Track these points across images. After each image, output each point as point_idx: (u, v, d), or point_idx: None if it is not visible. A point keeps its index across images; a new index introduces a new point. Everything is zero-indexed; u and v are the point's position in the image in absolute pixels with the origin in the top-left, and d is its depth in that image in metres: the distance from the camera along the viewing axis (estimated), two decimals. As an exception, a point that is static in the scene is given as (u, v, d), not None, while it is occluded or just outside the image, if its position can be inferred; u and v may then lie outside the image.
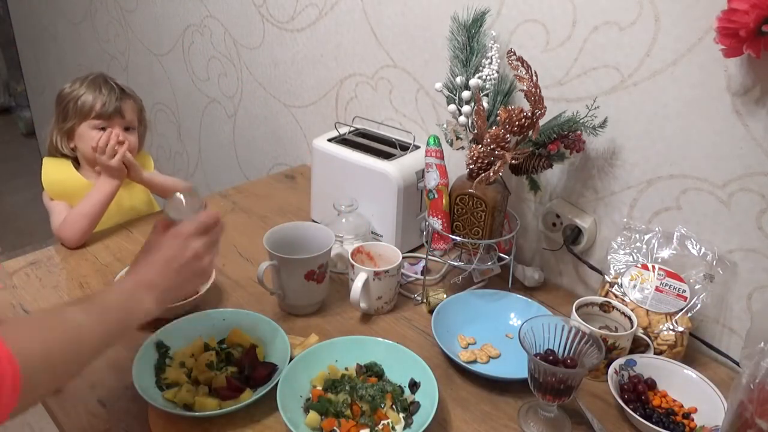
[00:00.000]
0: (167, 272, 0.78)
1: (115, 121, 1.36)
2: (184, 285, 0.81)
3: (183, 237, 0.80)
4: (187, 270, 0.80)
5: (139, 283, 0.77)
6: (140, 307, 0.75)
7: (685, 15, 0.93)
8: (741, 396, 0.69)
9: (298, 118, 1.74)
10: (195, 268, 0.80)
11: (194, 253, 0.80)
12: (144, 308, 0.75)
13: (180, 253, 0.79)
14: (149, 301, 0.76)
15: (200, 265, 0.81)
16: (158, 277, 0.78)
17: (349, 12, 1.46)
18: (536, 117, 0.99)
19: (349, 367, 0.94)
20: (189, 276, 0.80)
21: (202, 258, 0.81)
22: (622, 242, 1.08)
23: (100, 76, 1.40)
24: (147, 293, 0.76)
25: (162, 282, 0.78)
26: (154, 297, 0.76)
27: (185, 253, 0.79)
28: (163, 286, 0.78)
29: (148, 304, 0.76)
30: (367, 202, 1.24)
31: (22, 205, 3.19)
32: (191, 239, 0.80)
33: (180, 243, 0.80)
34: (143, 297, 0.76)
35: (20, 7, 3.30)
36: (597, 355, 0.82)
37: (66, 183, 1.37)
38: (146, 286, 0.77)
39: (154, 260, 0.79)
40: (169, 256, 0.79)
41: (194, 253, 0.80)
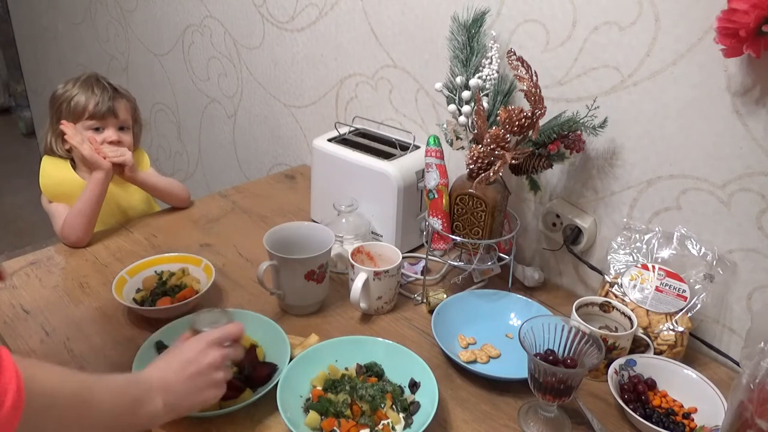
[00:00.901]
0: (182, 375, 0.77)
1: (108, 121, 1.36)
2: (196, 394, 0.78)
3: (205, 342, 0.80)
4: (201, 377, 0.78)
5: (153, 380, 0.75)
6: (149, 404, 0.73)
7: (685, 15, 0.93)
8: (741, 396, 0.69)
9: (298, 118, 1.74)
10: (210, 377, 0.79)
11: (213, 360, 0.79)
12: (153, 407, 0.74)
13: (198, 358, 0.78)
14: (159, 401, 0.74)
15: (215, 375, 0.79)
16: (172, 378, 0.76)
17: (349, 12, 1.46)
18: (536, 117, 0.99)
19: (349, 367, 0.94)
20: (202, 385, 0.78)
21: (218, 369, 0.79)
22: (622, 242, 1.08)
23: (93, 75, 1.40)
24: (159, 393, 0.74)
25: (175, 384, 0.76)
26: (164, 399, 0.75)
27: (204, 358, 0.78)
28: (176, 389, 0.76)
29: (158, 404, 0.74)
30: (367, 202, 1.24)
31: (22, 205, 3.19)
32: (212, 346, 0.80)
33: (201, 348, 0.79)
34: (155, 394, 0.74)
35: (20, 7, 3.30)
36: (597, 355, 0.82)
37: (64, 183, 1.37)
38: (159, 386, 0.75)
39: (172, 360, 0.78)
40: (188, 359, 0.78)
41: (213, 361, 0.79)
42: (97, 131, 1.36)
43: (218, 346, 0.80)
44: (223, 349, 0.81)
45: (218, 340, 0.81)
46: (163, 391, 0.75)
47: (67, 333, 1.03)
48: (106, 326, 1.05)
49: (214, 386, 0.79)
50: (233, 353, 0.83)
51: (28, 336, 1.03)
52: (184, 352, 0.79)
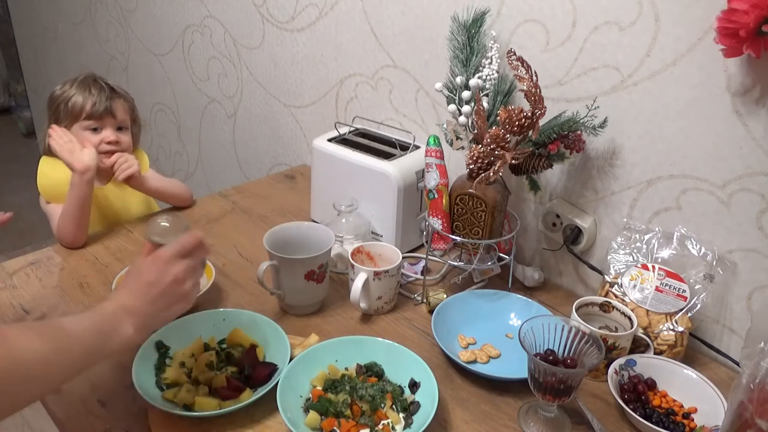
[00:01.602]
0: (147, 297, 0.76)
1: (106, 121, 1.35)
2: (165, 310, 0.78)
3: (162, 261, 0.78)
4: (167, 295, 0.78)
5: (119, 308, 0.75)
6: (119, 333, 0.73)
7: (685, 15, 0.93)
8: (741, 396, 0.69)
9: (298, 118, 1.74)
10: (176, 293, 0.78)
11: (174, 277, 0.78)
12: (123, 334, 0.73)
13: (160, 278, 0.77)
14: (128, 327, 0.74)
15: (181, 289, 0.79)
16: (138, 302, 0.76)
17: (349, 12, 1.46)
18: (536, 117, 0.99)
19: (349, 367, 0.94)
20: (170, 301, 0.78)
21: (183, 282, 0.79)
22: (622, 242, 1.08)
23: (90, 76, 1.39)
24: (127, 319, 0.74)
25: (142, 307, 0.76)
26: (134, 323, 0.74)
27: (165, 277, 0.77)
28: (143, 311, 0.76)
29: (127, 330, 0.74)
30: (367, 202, 1.24)
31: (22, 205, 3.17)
32: (171, 263, 0.78)
33: (160, 267, 0.78)
34: (122, 322, 0.74)
35: (20, 7, 3.30)
36: (597, 355, 0.82)
37: (62, 184, 1.36)
38: (126, 312, 0.75)
39: (134, 285, 0.78)
40: (150, 281, 0.77)
41: (174, 278, 0.78)
42: (95, 131, 1.35)
43: (176, 259, 0.79)
44: (183, 262, 0.79)
45: (176, 254, 0.79)
46: (132, 315, 0.75)
47: (67, 333, 1.03)
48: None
49: (183, 298, 0.79)
50: (196, 261, 0.81)
51: (28, 336, 1.02)
52: (143, 274, 0.78)
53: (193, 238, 0.82)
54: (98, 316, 0.74)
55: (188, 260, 0.81)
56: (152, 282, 0.77)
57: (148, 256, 0.81)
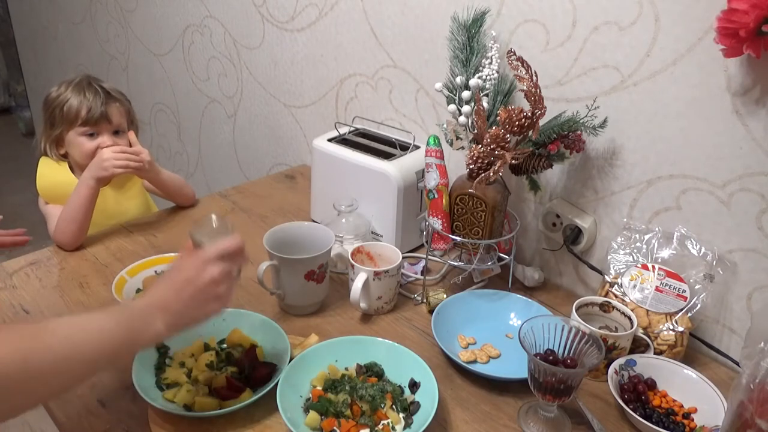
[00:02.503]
0: (182, 295, 0.76)
1: (102, 126, 1.34)
2: (197, 310, 0.78)
3: (203, 260, 0.78)
4: (202, 295, 0.77)
5: (152, 304, 0.75)
6: (150, 329, 0.73)
7: (685, 15, 0.93)
8: (741, 396, 0.69)
9: (298, 118, 1.74)
10: (211, 293, 0.78)
11: (212, 278, 0.77)
12: (154, 330, 0.73)
13: (197, 276, 0.77)
14: (160, 323, 0.74)
15: (216, 291, 0.78)
16: (172, 298, 0.76)
17: (349, 12, 1.46)
18: (536, 117, 0.99)
19: (349, 367, 0.94)
20: (204, 301, 0.77)
21: (219, 284, 0.78)
22: (622, 242, 1.08)
23: (85, 79, 1.38)
24: (159, 315, 0.74)
25: (175, 304, 0.76)
26: (165, 319, 0.74)
27: (203, 276, 0.77)
28: (176, 308, 0.76)
29: (158, 326, 0.74)
30: (367, 202, 1.24)
31: (22, 205, 3.18)
32: (211, 264, 0.78)
33: (199, 266, 0.78)
34: (154, 318, 0.74)
35: (20, 7, 3.30)
36: (597, 355, 0.82)
37: (61, 186, 1.36)
38: (159, 308, 0.75)
39: (171, 281, 0.78)
40: (186, 279, 0.77)
41: (212, 278, 0.77)
42: (91, 137, 1.34)
43: (217, 261, 0.79)
44: (223, 263, 0.79)
45: (217, 254, 0.79)
46: (163, 311, 0.75)
47: (67, 333, 1.03)
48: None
49: (217, 300, 0.78)
50: (235, 265, 0.81)
51: (28, 336, 1.02)
52: (182, 271, 0.78)
53: (235, 243, 0.81)
54: (129, 311, 0.74)
55: (227, 263, 0.80)
56: (190, 279, 0.77)
57: (188, 253, 0.81)
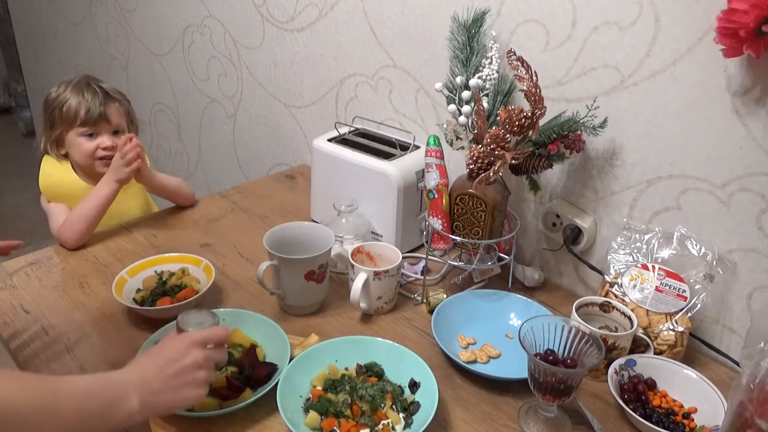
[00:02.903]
0: (162, 373, 0.75)
1: (101, 127, 1.35)
2: (175, 392, 0.76)
3: (188, 342, 0.79)
4: (182, 377, 0.76)
5: (130, 379, 0.74)
6: (123, 405, 0.71)
7: (685, 15, 0.93)
8: (741, 396, 0.69)
9: (298, 118, 1.74)
10: (191, 376, 0.77)
11: (195, 360, 0.77)
12: (127, 406, 0.72)
13: (181, 356, 0.77)
14: (135, 399, 0.72)
15: (196, 375, 0.77)
16: (152, 375, 0.75)
17: (349, 12, 1.46)
18: (536, 117, 0.99)
19: (349, 367, 0.94)
20: (183, 384, 0.76)
21: (200, 369, 0.78)
22: (622, 242, 1.08)
23: (84, 79, 1.38)
24: (135, 391, 0.73)
25: (154, 382, 0.74)
26: (141, 397, 0.73)
27: (187, 357, 0.77)
28: (154, 387, 0.74)
29: (132, 402, 0.72)
30: (367, 202, 1.24)
31: (22, 205, 3.19)
32: (196, 346, 0.79)
33: (183, 348, 0.78)
34: (129, 394, 0.72)
35: (20, 7, 3.30)
36: (597, 355, 0.82)
37: (64, 184, 1.37)
38: (136, 384, 0.73)
39: (153, 358, 0.78)
40: (170, 358, 0.77)
41: (195, 360, 0.77)
42: (90, 137, 1.35)
43: (202, 346, 0.79)
44: (206, 350, 0.79)
45: (203, 340, 0.80)
46: (140, 388, 0.73)
47: (67, 333, 1.03)
48: (106, 326, 1.05)
49: (195, 385, 0.78)
50: (217, 356, 0.81)
51: (28, 336, 1.03)
52: (166, 350, 0.78)
53: (222, 332, 0.83)
54: (104, 382, 0.72)
55: (211, 351, 0.80)
56: (173, 359, 0.77)
57: (174, 336, 0.81)
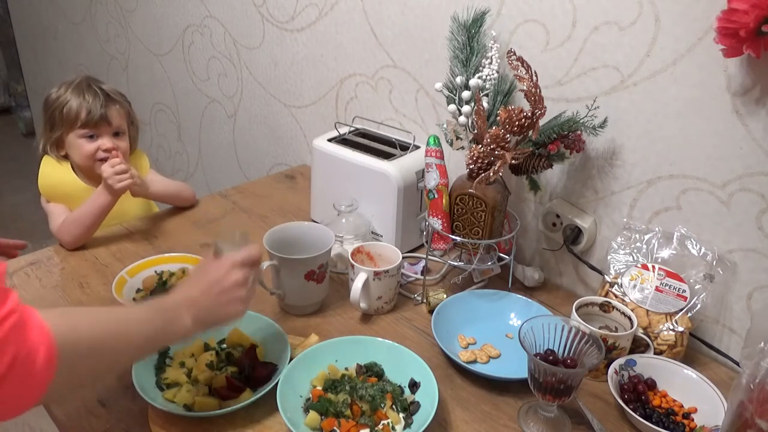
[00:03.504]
0: (209, 293, 0.82)
1: (102, 129, 1.34)
2: (223, 309, 0.83)
3: (228, 264, 0.85)
4: (227, 295, 0.83)
5: (180, 300, 0.80)
6: (179, 322, 0.78)
7: (685, 15, 0.93)
8: (741, 396, 0.69)
9: (298, 118, 1.74)
10: (234, 295, 0.84)
11: (236, 280, 0.84)
12: (182, 324, 0.78)
13: (224, 278, 0.83)
14: (188, 318, 0.79)
15: (239, 293, 0.84)
16: (199, 296, 0.81)
17: (349, 12, 1.46)
18: (536, 117, 0.99)
19: (349, 367, 0.94)
20: (228, 302, 0.83)
21: (242, 287, 0.84)
22: (622, 242, 1.08)
23: (84, 80, 1.37)
24: (187, 310, 0.79)
25: (202, 301, 0.81)
26: (193, 314, 0.79)
27: (229, 278, 0.83)
28: (203, 305, 0.81)
29: (186, 320, 0.78)
30: (367, 202, 1.24)
31: (22, 205, 3.19)
32: (236, 268, 0.85)
33: (226, 269, 0.84)
34: (183, 313, 0.79)
35: (20, 7, 3.30)
36: (597, 355, 0.82)
37: (63, 185, 1.36)
38: (186, 304, 0.80)
39: (198, 281, 0.84)
40: (214, 279, 0.83)
41: (236, 281, 0.84)
42: (91, 138, 1.34)
43: (240, 266, 0.85)
44: (246, 269, 0.86)
45: (242, 261, 0.85)
46: (191, 307, 0.80)
47: (67, 333, 1.03)
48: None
49: (239, 302, 0.84)
50: (255, 273, 0.89)
51: (28, 336, 1.02)
52: (209, 272, 0.84)
53: (256, 252, 0.88)
54: (159, 306, 0.79)
55: (249, 269, 0.87)
56: (217, 280, 0.83)
57: (213, 259, 0.87)
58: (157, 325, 0.76)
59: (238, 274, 0.84)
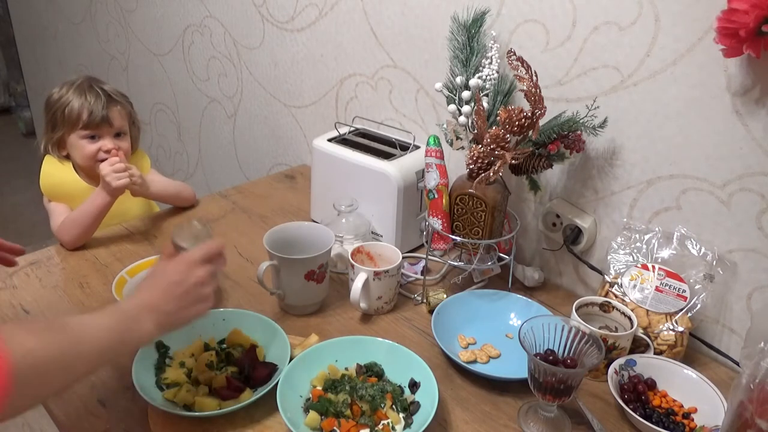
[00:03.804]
0: (170, 296, 0.79)
1: (104, 130, 1.34)
2: (185, 310, 0.80)
3: (188, 263, 0.81)
4: (189, 295, 0.80)
5: (141, 305, 0.77)
6: (140, 329, 0.75)
7: (685, 15, 0.93)
8: (741, 396, 0.69)
9: (298, 118, 1.74)
10: (197, 294, 0.81)
11: (198, 279, 0.80)
12: (144, 330, 0.75)
13: (184, 278, 0.80)
14: (150, 323, 0.76)
15: (202, 291, 0.81)
16: (161, 299, 0.78)
17: (349, 12, 1.46)
18: (536, 117, 0.99)
19: (349, 367, 0.94)
20: (191, 302, 0.80)
21: (204, 285, 0.81)
22: (622, 242, 1.08)
23: (86, 81, 1.37)
24: (148, 315, 0.76)
25: (164, 305, 0.78)
26: (155, 319, 0.76)
27: (189, 278, 0.80)
28: (165, 309, 0.78)
29: (148, 326, 0.76)
30: (367, 202, 1.24)
31: (22, 205, 3.19)
32: (196, 266, 0.81)
33: (185, 268, 0.80)
34: (144, 319, 0.76)
35: (20, 7, 3.30)
36: (597, 355, 0.82)
37: (65, 184, 1.37)
38: (147, 309, 0.77)
39: (157, 283, 0.80)
40: (174, 281, 0.79)
41: (198, 279, 0.80)
42: (92, 139, 1.34)
43: (201, 263, 0.81)
44: (207, 266, 0.82)
45: (201, 258, 0.82)
46: (153, 311, 0.76)
47: (67, 333, 1.03)
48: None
49: (203, 300, 0.81)
50: (218, 266, 0.84)
51: (28, 336, 1.02)
52: (168, 274, 0.80)
53: (216, 246, 0.85)
54: (118, 313, 0.75)
55: (211, 265, 0.83)
56: (177, 281, 0.79)
57: (170, 257, 0.84)
58: (115, 334, 0.73)
59: (199, 272, 0.81)
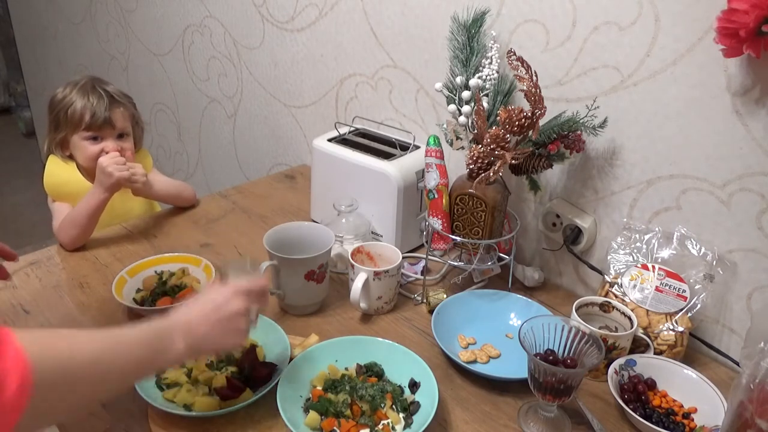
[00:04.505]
0: (206, 319, 0.77)
1: (106, 131, 1.34)
2: (219, 338, 0.78)
3: (233, 291, 0.80)
4: (226, 323, 0.78)
5: (176, 324, 0.75)
6: (172, 346, 0.73)
7: (685, 15, 0.93)
8: (741, 396, 0.69)
9: (298, 118, 1.74)
10: (233, 324, 0.79)
11: (237, 308, 0.79)
12: (175, 348, 0.73)
13: (225, 303, 0.79)
14: (181, 343, 0.74)
15: (238, 323, 0.79)
16: (198, 321, 0.77)
17: (349, 12, 1.46)
18: (536, 117, 0.99)
19: (349, 367, 0.94)
20: (226, 330, 0.79)
21: (242, 317, 0.80)
22: (622, 242, 1.08)
23: (89, 82, 1.37)
24: (181, 336, 0.74)
25: (199, 327, 0.76)
26: (187, 341, 0.75)
27: (230, 305, 0.79)
28: (199, 332, 0.76)
29: (179, 346, 0.74)
30: (367, 202, 1.24)
31: (22, 205, 3.19)
32: (240, 295, 0.80)
33: (228, 296, 0.80)
34: (177, 337, 0.74)
35: (20, 7, 3.30)
36: (597, 355, 0.82)
37: (68, 184, 1.37)
38: (182, 329, 0.75)
39: (199, 305, 0.79)
40: (214, 305, 0.78)
41: (237, 309, 0.79)
42: (95, 140, 1.34)
43: (245, 295, 0.81)
44: (248, 299, 0.81)
45: (246, 290, 0.81)
46: (186, 333, 0.75)
47: (67, 333, 1.03)
48: (106, 326, 1.05)
49: (237, 333, 0.80)
50: (258, 304, 0.84)
51: (28, 336, 1.02)
52: (212, 298, 0.80)
53: (262, 284, 0.85)
54: (153, 330, 0.74)
55: (252, 301, 0.82)
56: (217, 305, 0.78)
57: (219, 284, 0.83)
58: (147, 352, 0.71)
59: (239, 303, 0.79)
